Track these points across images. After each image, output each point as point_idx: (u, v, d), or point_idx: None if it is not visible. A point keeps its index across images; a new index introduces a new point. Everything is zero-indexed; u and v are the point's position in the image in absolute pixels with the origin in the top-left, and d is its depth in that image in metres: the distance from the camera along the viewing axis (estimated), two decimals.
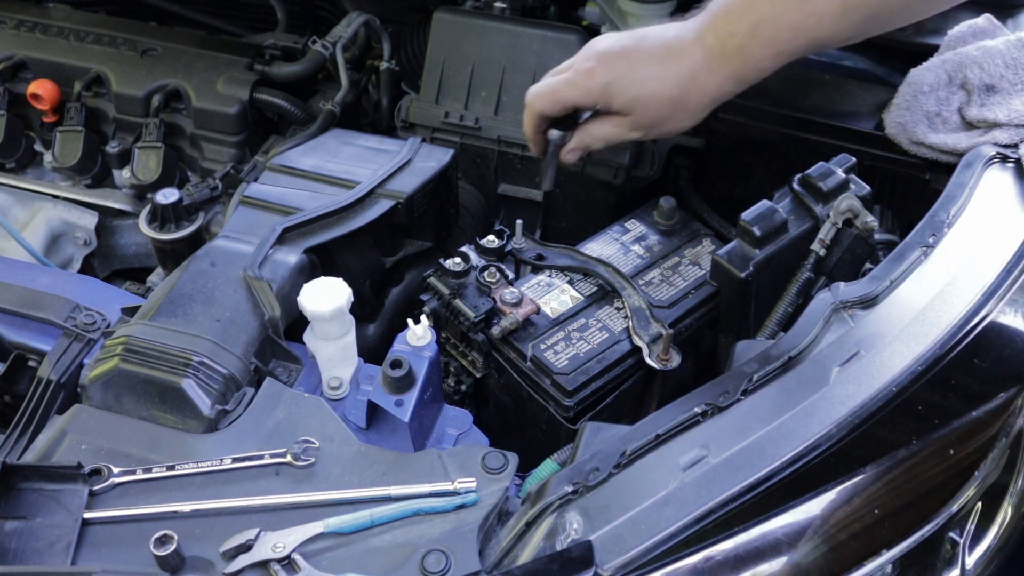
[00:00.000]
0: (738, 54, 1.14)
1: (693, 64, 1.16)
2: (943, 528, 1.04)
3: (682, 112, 1.22)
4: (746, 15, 1.13)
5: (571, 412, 1.19)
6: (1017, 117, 1.34)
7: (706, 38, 1.16)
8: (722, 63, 1.16)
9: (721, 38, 1.15)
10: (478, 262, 1.33)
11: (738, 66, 1.16)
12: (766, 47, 1.13)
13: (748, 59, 1.15)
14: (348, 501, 0.99)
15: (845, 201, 1.25)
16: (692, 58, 1.16)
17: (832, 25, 1.11)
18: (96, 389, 1.11)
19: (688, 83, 1.17)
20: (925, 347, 1.07)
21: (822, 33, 1.12)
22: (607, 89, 1.21)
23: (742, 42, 1.13)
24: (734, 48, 1.14)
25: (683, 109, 1.21)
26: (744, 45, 1.13)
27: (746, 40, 1.13)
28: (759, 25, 1.12)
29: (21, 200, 1.79)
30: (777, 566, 0.94)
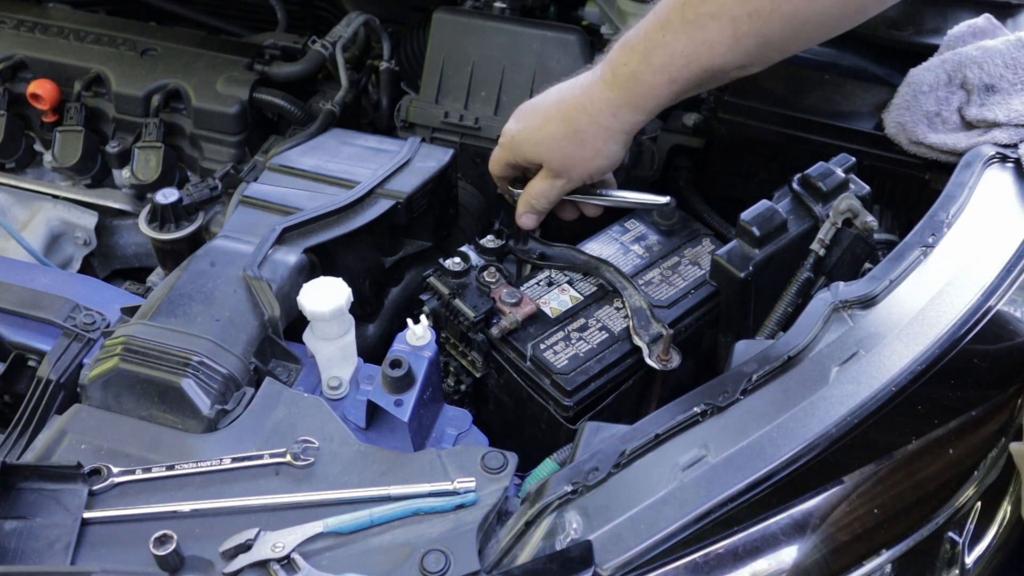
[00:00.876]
0: (630, 82, 1.16)
1: (586, 99, 1.19)
2: (943, 528, 1.04)
3: (584, 148, 1.23)
4: (638, 46, 1.14)
5: (571, 412, 1.19)
6: (1017, 117, 1.34)
7: (602, 72, 1.19)
8: (616, 93, 1.17)
9: (614, 68, 1.17)
10: (478, 262, 1.33)
11: (631, 95, 1.17)
12: (659, 74, 1.15)
13: (640, 87, 1.16)
14: (347, 501, 0.99)
15: (845, 201, 1.25)
16: (587, 95, 1.19)
17: (725, 53, 1.12)
18: (96, 389, 1.11)
19: (582, 118, 1.19)
20: (924, 347, 1.07)
21: (716, 61, 1.13)
22: (514, 143, 1.27)
23: (634, 70, 1.15)
24: (626, 76, 1.16)
25: (583, 145, 1.22)
26: (636, 72, 1.15)
27: (638, 67, 1.15)
28: (650, 53, 1.13)
29: (21, 200, 1.79)
30: (776, 566, 0.94)
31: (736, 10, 1.08)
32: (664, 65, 1.13)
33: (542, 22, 1.80)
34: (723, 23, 1.09)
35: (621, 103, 1.17)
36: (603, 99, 1.17)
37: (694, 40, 1.11)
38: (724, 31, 1.09)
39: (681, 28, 1.10)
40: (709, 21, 1.09)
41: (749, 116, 1.53)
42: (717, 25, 1.09)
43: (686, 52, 1.11)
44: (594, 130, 1.19)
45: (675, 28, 1.11)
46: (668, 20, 1.11)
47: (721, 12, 1.09)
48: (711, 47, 1.11)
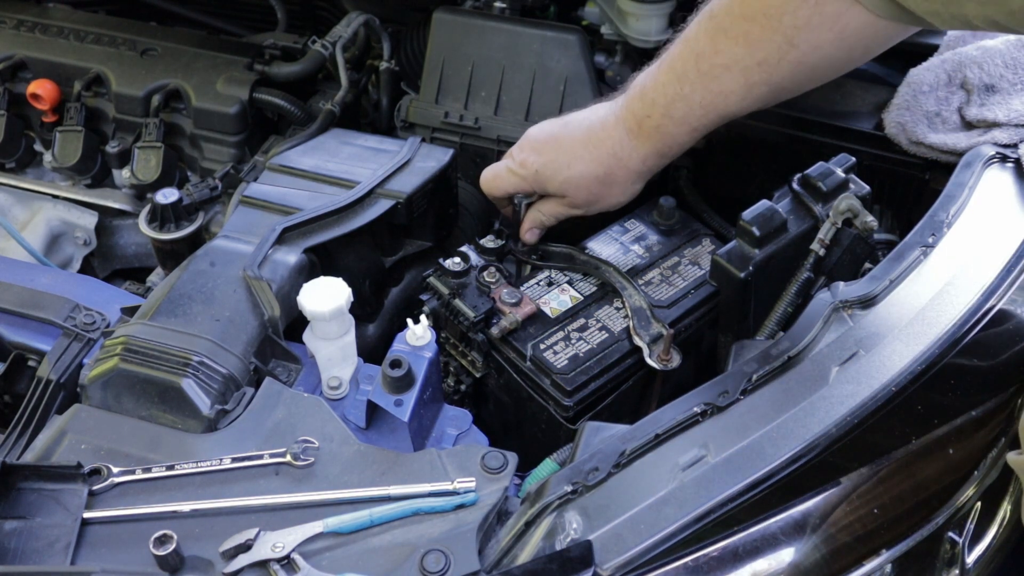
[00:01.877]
0: (656, 133, 1.21)
1: (615, 145, 1.23)
2: (943, 528, 1.04)
3: (612, 188, 1.29)
4: (659, 99, 1.19)
5: (571, 412, 1.19)
6: (1017, 117, 1.34)
7: (626, 120, 1.23)
8: (642, 142, 1.23)
9: (639, 120, 1.21)
10: (478, 262, 1.33)
11: (657, 144, 1.23)
12: (680, 125, 1.20)
13: (665, 137, 1.22)
14: (347, 501, 0.99)
15: (845, 201, 1.25)
16: (614, 139, 1.23)
17: (739, 101, 1.18)
18: (96, 389, 1.11)
19: (612, 163, 1.24)
20: (924, 347, 1.07)
21: (731, 108, 1.19)
22: (538, 176, 1.29)
23: (658, 123, 1.20)
24: (651, 128, 1.21)
25: (612, 186, 1.28)
26: (660, 125, 1.20)
27: (661, 121, 1.20)
28: (671, 107, 1.18)
29: (21, 200, 1.79)
30: (776, 566, 0.94)
31: (747, 60, 1.12)
32: (684, 117, 1.19)
33: (542, 22, 1.80)
34: (735, 74, 1.13)
35: (648, 152, 1.23)
36: (631, 147, 1.23)
37: (710, 91, 1.15)
38: (736, 81, 1.14)
39: (697, 80, 1.15)
40: (722, 72, 1.14)
41: (749, 116, 1.52)
42: (730, 76, 1.13)
43: (703, 103, 1.17)
44: (623, 174, 1.25)
45: (691, 81, 1.15)
46: (684, 73, 1.16)
47: (733, 63, 1.13)
48: (726, 97, 1.16)
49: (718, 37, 1.12)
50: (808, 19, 1.07)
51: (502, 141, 1.72)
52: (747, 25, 1.09)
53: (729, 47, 1.12)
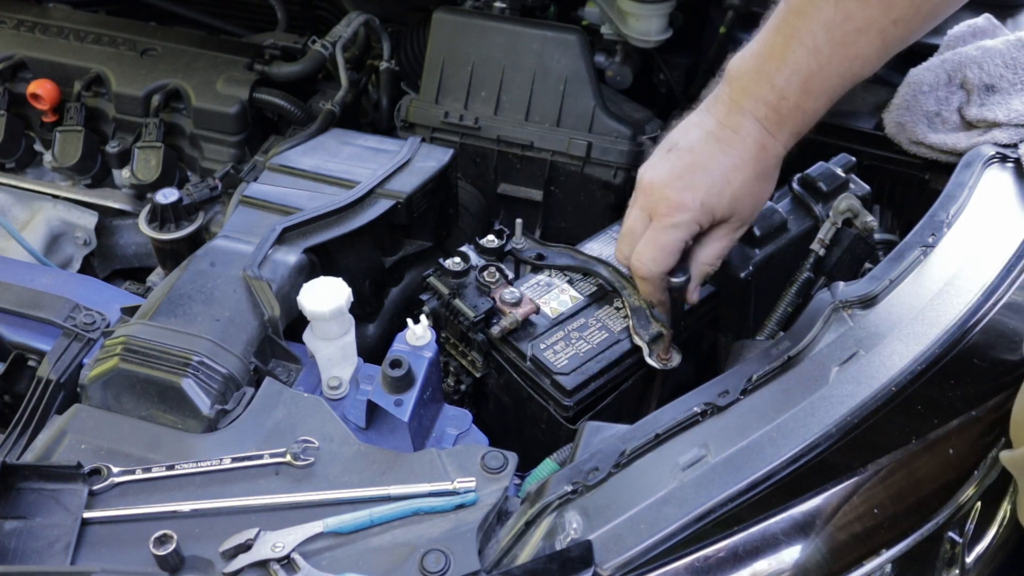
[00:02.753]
0: (795, 113, 1.13)
1: (757, 139, 1.14)
2: (943, 528, 1.03)
3: (768, 183, 1.19)
4: (792, 77, 1.10)
5: (571, 412, 1.19)
6: (1017, 117, 1.34)
7: (755, 111, 1.13)
8: (782, 127, 1.14)
9: (772, 106, 1.12)
10: (478, 262, 1.33)
11: (797, 124, 1.15)
12: (819, 99, 1.13)
13: (805, 115, 1.14)
14: (347, 501, 0.99)
15: (845, 201, 1.25)
16: (753, 135, 1.14)
17: (877, 62, 1.11)
18: (96, 389, 1.11)
19: (763, 157, 1.15)
20: (924, 347, 1.07)
21: (868, 70, 1.12)
22: (705, 207, 1.15)
23: (796, 102, 1.12)
24: (790, 110, 1.13)
25: (768, 180, 1.19)
26: (799, 104, 1.12)
27: (799, 99, 1.12)
28: (809, 81, 1.10)
29: (21, 200, 1.79)
30: (776, 565, 0.94)
31: (882, 20, 1.06)
32: (823, 90, 1.12)
33: (542, 22, 1.80)
34: (871, 36, 1.07)
35: (789, 134, 1.15)
36: (772, 136, 1.14)
37: (847, 59, 1.09)
38: (873, 43, 1.08)
39: (832, 51, 1.08)
40: (857, 37, 1.07)
41: None
42: (866, 39, 1.08)
43: (840, 72, 1.10)
44: (774, 164, 1.16)
45: (826, 53, 1.08)
46: (816, 47, 1.08)
47: (868, 26, 1.07)
48: (863, 61, 1.10)
49: (846, 2, 1.05)
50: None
51: (502, 141, 1.72)
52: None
53: (861, 10, 1.05)
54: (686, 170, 1.14)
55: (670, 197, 1.14)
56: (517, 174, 1.76)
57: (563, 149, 1.71)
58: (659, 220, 1.15)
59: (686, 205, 1.14)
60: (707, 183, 1.14)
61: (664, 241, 1.16)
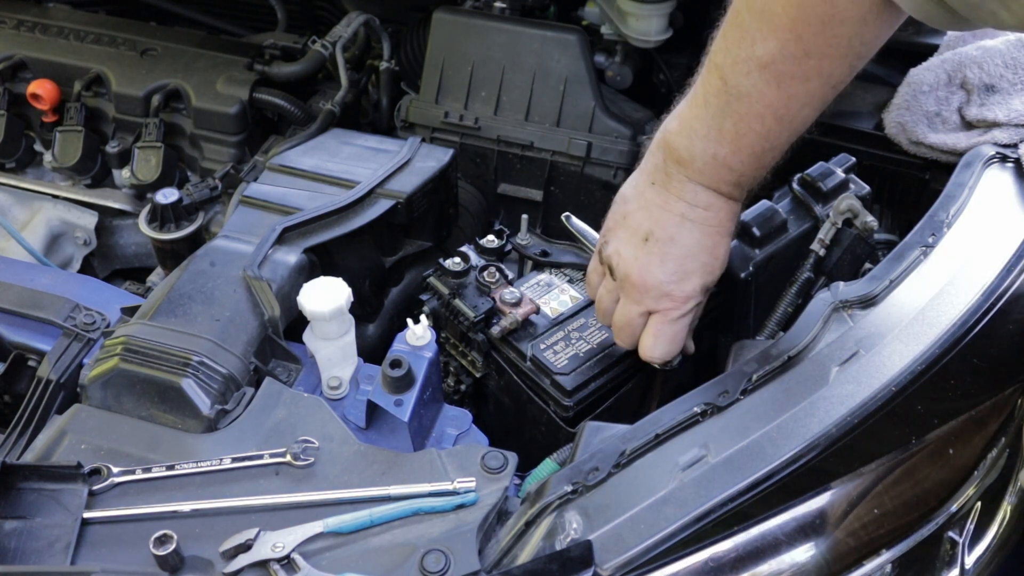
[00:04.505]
0: (752, 184, 1.13)
1: (727, 210, 1.13)
2: (942, 528, 1.03)
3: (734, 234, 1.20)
4: (747, 159, 1.09)
5: (570, 412, 1.19)
6: (1017, 117, 1.34)
7: (718, 189, 1.12)
8: (744, 192, 1.14)
9: (733, 184, 1.11)
10: (478, 262, 1.33)
11: (751, 188, 1.15)
12: (772, 165, 1.12)
13: (758, 181, 1.14)
14: (347, 501, 0.99)
15: (845, 201, 1.25)
16: (723, 208, 1.13)
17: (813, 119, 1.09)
18: (96, 389, 1.11)
19: (734, 221, 1.16)
20: (924, 347, 1.07)
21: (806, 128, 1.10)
22: (704, 288, 1.16)
23: (754, 175, 1.11)
24: (749, 181, 1.12)
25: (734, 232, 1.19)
26: (756, 176, 1.12)
27: (756, 172, 1.11)
28: (762, 158, 1.09)
29: (21, 200, 1.79)
30: (776, 566, 0.94)
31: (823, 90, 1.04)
32: (776, 158, 1.11)
33: (542, 22, 1.80)
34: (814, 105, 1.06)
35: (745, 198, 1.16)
36: (735, 208, 1.14)
37: (794, 131, 1.08)
38: (816, 110, 1.06)
39: (782, 129, 1.07)
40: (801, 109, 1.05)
41: None
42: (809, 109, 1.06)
43: (790, 139, 1.09)
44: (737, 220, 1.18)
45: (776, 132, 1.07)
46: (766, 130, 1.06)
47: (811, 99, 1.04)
48: (806, 124, 1.08)
49: (788, 84, 1.02)
50: (875, 34, 1.00)
51: (502, 141, 1.72)
52: (817, 62, 1.01)
53: (803, 88, 1.03)
54: (677, 262, 1.13)
55: (674, 294, 1.14)
56: (517, 174, 1.76)
57: (563, 149, 1.71)
58: (666, 315, 1.15)
59: (691, 296, 1.15)
60: (701, 267, 1.14)
61: (676, 332, 1.17)
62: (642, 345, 1.18)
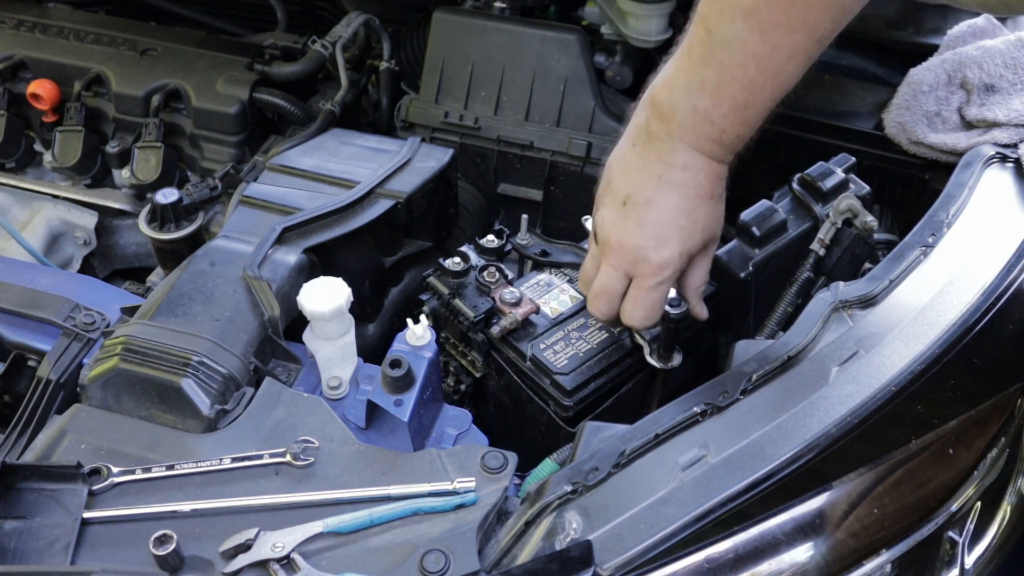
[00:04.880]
0: (737, 141, 1.11)
1: (707, 171, 1.12)
2: (942, 528, 1.04)
3: (722, 200, 1.17)
4: (729, 112, 1.07)
5: (570, 412, 1.19)
6: (1016, 117, 1.34)
7: (701, 148, 1.10)
8: (726, 152, 1.12)
9: (715, 140, 1.10)
10: (478, 262, 1.33)
11: (739, 145, 1.13)
12: (756, 123, 1.11)
13: (745, 137, 1.12)
14: (347, 501, 0.99)
15: (845, 201, 1.25)
16: (703, 169, 1.11)
17: (799, 77, 1.08)
18: (95, 389, 1.11)
19: (714, 184, 1.13)
20: (924, 347, 1.07)
21: (792, 85, 1.09)
22: (683, 254, 1.14)
23: (737, 132, 1.10)
24: (732, 140, 1.11)
25: (721, 198, 1.16)
26: (739, 133, 1.10)
27: (739, 129, 1.10)
28: (745, 112, 1.08)
29: (21, 200, 1.79)
30: (776, 565, 0.94)
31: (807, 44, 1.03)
32: (758, 116, 1.09)
33: (542, 22, 1.80)
34: (799, 59, 1.05)
35: (732, 155, 1.14)
36: (719, 166, 1.13)
37: (778, 84, 1.06)
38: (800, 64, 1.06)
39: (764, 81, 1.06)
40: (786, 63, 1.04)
41: None
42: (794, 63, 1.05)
43: (773, 96, 1.08)
44: (723, 184, 1.15)
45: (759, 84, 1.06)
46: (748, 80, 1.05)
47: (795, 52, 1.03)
48: (791, 81, 1.07)
49: (772, 34, 1.02)
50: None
51: (502, 141, 1.72)
52: (800, 11, 1.00)
53: (787, 38, 1.02)
54: (655, 225, 1.11)
55: (650, 258, 1.12)
56: (517, 174, 1.76)
57: (563, 149, 1.71)
58: (643, 280, 1.14)
59: (668, 261, 1.12)
60: (679, 231, 1.12)
61: (654, 299, 1.15)
62: (622, 311, 1.17)
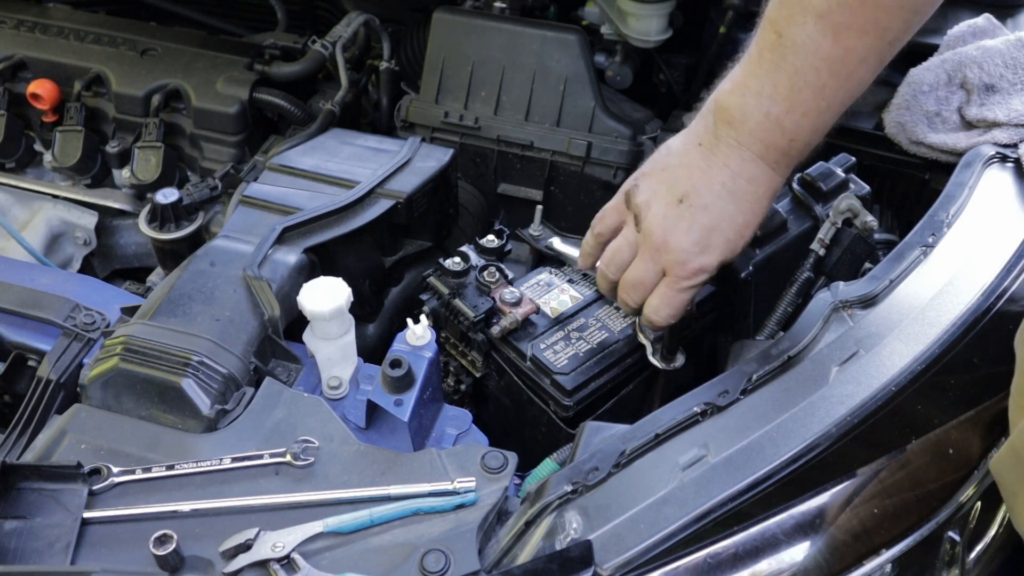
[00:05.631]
0: (804, 150, 1.09)
1: (769, 186, 1.10)
2: (943, 528, 1.03)
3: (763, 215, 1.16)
4: (802, 119, 1.05)
5: (570, 412, 1.19)
6: (1016, 117, 1.34)
7: (766, 156, 1.08)
8: (791, 165, 1.11)
9: (783, 150, 1.08)
10: (478, 262, 1.33)
11: (803, 156, 1.11)
12: (824, 132, 1.09)
13: (810, 148, 1.10)
14: (347, 501, 0.99)
15: (845, 201, 1.25)
16: (765, 183, 1.10)
17: (871, 80, 1.06)
18: (96, 389, 1.11)
19: (771, 201, 1.13)
20: (924, 346, 1.07)
21: (864, 89, 1.08)
22: (720, 264, 1.13)
23: (807, 141, 1.08)
24: (800, 150, 1.09)
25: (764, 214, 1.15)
26: (809, 142, 1.08)
27: (810, 138, 1.08)
28: (817, 120, 1.06)
29: (21, 200, 1.79)
30: (776, 565, 0.94)
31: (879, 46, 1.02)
32: (830, 122, 1.08)
33: (542, 22, 1.80)
34: (871, 62, 1.03)
35: (792, 168, 1.12)
36: (779, 177, 1.10)
37: (851, 89, 1.05)
38: (872, 68, 1.04)
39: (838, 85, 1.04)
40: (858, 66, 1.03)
41: None
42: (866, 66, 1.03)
43: (845, 101, 1.06)
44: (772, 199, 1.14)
45: (832, 88, 1.04)
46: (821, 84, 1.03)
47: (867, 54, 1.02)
48: (863, 86, 1.06)
49: (844, 35, 1.00)
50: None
51: (502, 141, 1.72)
52: (872, 12, 0.99)
53: (859, 40, 1.00)
54: (704, 232, 1.10)
55: (689, 263, 1.11)
56: (517, 174, 1.76)
57: (563, 149, 1.71)
58: (676, 281, 1.13)
59: (706, 269, 1.12)
60: (725, 243, 1.11)
61: (682, 300, 1.14)
62: (646, 305, 1.16)
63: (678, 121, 1.77)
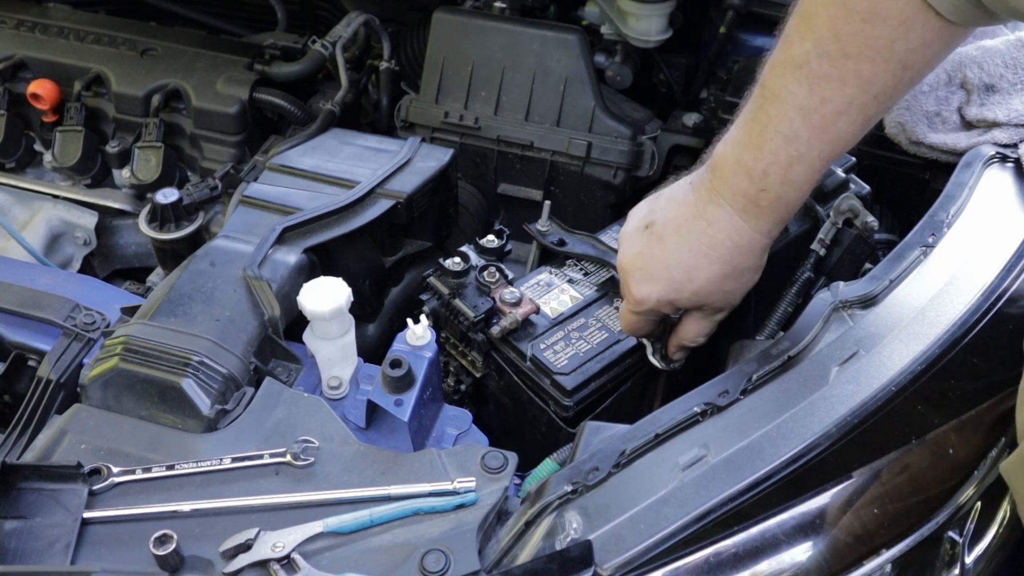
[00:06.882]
0: (776, 204, 1.08)
1: (731, 235, 1.10)
2: (942, 528, 1.03)
3: (744, 275, 1.15)
4: (771, 168, 1.05)
5: (570, 412, 1.19)
6: (1017, 117, 1.34)
7: (733, 203, 1.08)
8: (761, 219, 1.10)
9: (751, 198, 1.07)
10: (478, 262, 1.33)
11: (781, 213, 1.10)
12: (801, 188, 1.08)
13: (788, 204, 1.09)
14: (347, 501, 0.99)
15: (845, 201, 1.25)
16: (727, 231, 1.09)
17: (857, 137, 1.05)
18: (96, 389, 1.11)
19: (735, 255, 1.11)
20: (924, 347, 1.07)
21: (849, 146, 1.07)
22: (661, 301, 1.14)
23: (777, 193, 1.07)
24: (770, 202, 1.08)
25: (744, 273, 1.15)
26: (780, 195, 1.07)
27: (780, 191, 1.06)
28: (789, 171, 1.05)
29: (21, 200, 1.79)
30: (776, 566, 0.94)
31: (862, 99, 1.01)
32: (805, 177, 1.06)
33: (542, 22, 1.80)
34: (852, 115, 1.02)
35: (770, 225, 1.10)
36: (750, 229, 1.10)
37: (828, 142, 1.04)
38: (855, 122, 1.03)
39: (812, 136, 1.03)
40: (837, 119, 1.02)
41: None
42: (847, 119, 1.02)
43: (822, 155, 1.05)
44: (750, 258, 1.13)
45: (805, 139, 1.03)
46: (794, 134, 1.03)
47: (848, 106, 1.01)
48: (845, 142, 1.05)
49: (821, 86, 0.99)
50: (922, 39, 0.96)
51: (502, 141, 1.72)
52: (854, 64, 0.97)
53: (839, 92, 0.99)
54: (650, 261, 1.13)
55: (630, 287, 1.15)
56: (517, 174, 1.76)
57: (563, 149, 1.71)
58: (624, 300, 1.18)
59: (643, 300, 1.14)
60: (668, 279, 1.12)
61: (630, 320, 1.19)
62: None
63: (678, 121, 1.77)
